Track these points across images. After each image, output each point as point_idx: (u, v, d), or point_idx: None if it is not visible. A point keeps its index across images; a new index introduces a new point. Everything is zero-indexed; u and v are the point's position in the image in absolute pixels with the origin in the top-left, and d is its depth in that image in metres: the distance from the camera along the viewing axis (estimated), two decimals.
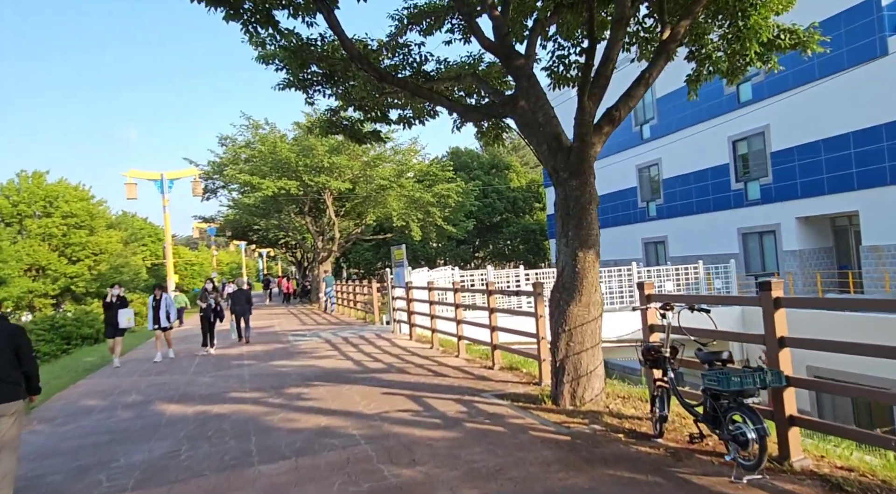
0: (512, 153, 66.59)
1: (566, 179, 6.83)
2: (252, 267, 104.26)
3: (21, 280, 30.48)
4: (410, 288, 14.04)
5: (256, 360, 12.39)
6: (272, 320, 23.58)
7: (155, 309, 13.19)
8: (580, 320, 6.67)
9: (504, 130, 11.44)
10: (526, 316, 8.56)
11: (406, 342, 13.86)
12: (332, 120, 11.82)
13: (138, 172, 26.23)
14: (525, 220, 50.87)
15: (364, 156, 26.74)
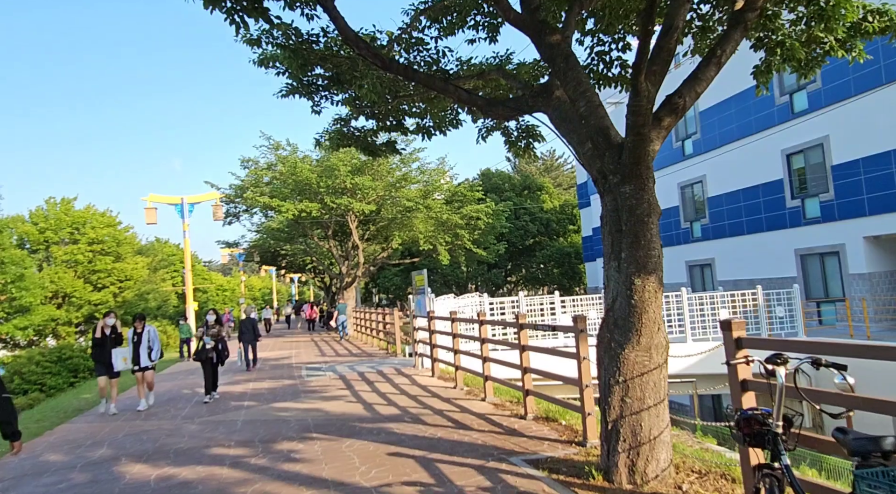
0: (545, 174, 65.00)
1: (617, 185, 5.30)
2: (285, 292, 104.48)
3: (45, 308, 30.04)
4: (432, 319, 12.54)
5: (258, 401, 11.00)
6: (291, 350, 22.32)
7: (136, 344, 10.79)
8: (639, 368, 5.07)
9: (536, 138, 10.04)
10: (566, 357, 6.96)
11: (427, 379, 12.31)
12: (342, 130, 10.58)
13: (158, 197, 25.58)
14: (559, 243, 49.04)
15: (389, 176, 25.59)
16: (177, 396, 12.62)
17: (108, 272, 34.13)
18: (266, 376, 14.84)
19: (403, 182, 26.19)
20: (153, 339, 11.06)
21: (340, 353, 19.75)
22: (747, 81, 24.18)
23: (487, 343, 9.59)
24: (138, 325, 10.98)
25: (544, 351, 7.63)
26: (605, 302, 5.56)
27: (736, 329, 4.26)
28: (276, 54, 8.55)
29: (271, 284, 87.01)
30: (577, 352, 6.54)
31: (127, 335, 11.01)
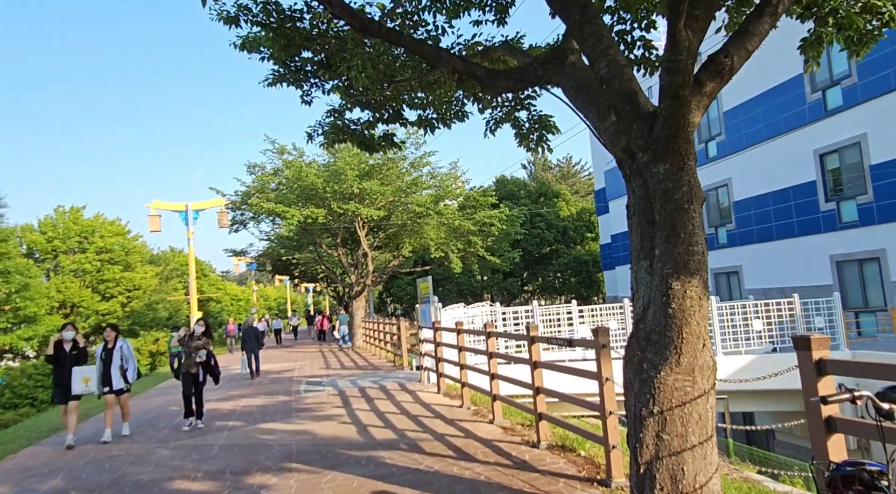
0: (561, 181, 63.78)
1: (648, 164, 4.24)
2: (301, 302, 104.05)
3: (51, 318, 29.52)
4: (438, 330, 11.48)
5: (244, 421, 10.00)
6: (297, 362, 21.38)
7: (105, 362, 8.92)
8: (679, 396, 3.98)
9: (550, 129, 9.00)
10: (585, 377, 5.86)
11: (432, 396, 11.24)
12: (336, 124, 9.63)
13: (162, 204, 24.92)
14: (576, 251, 47.74)
15: (399, 181, 24.66)
16: (162, 414, 11.70)
17: (116, 281, 33.63)
18: (262, 391, 13.88)
19: (414, 187, 25.23)
20: (127, 356, 9.17)
21: (346, 366, 18.76)
22: (775, 78, 22.90)
23: (495, 357, 8.51)
24: (109, 338, 9.15)
25: (560, 370, 6.52)
26: (633, 311, 4.48)
27: (817, 347, 3.16)
28: (258, 36, 7.62)
29: (286, 294, 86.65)
30: (598, 372, 5.45)
31: (96, 352, 9.22)
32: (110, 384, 8.97)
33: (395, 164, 24.36)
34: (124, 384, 9.11)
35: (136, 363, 9.51)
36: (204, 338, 9.88)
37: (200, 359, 9.60)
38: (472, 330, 9.90)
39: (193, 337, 9.84)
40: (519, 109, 8.97)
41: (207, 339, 9.92)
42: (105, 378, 8.95)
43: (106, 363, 9.00)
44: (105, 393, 8.96)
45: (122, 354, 9.13)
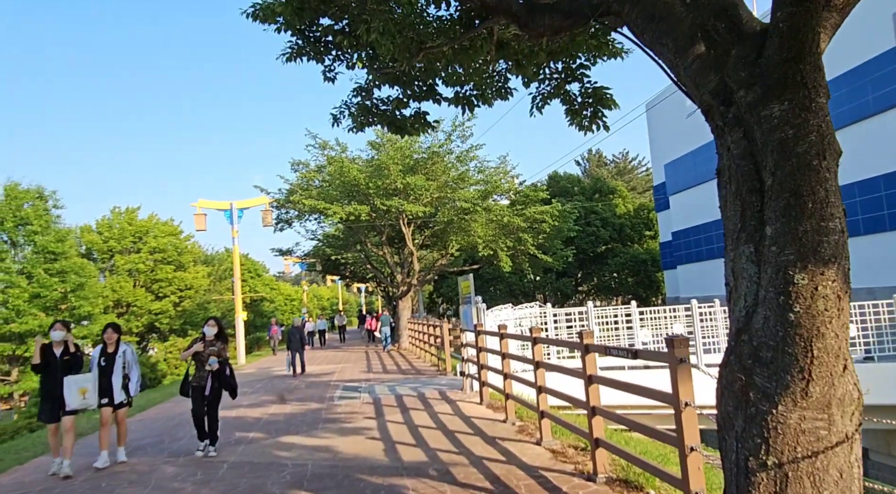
0: (617, 177, 61.37)
1: (754, 105, 2.96)
2: (354, 302, 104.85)
3: (107, 316, 29.97)
4: (480, 334, 10.31)
5: (266, 433, 9.12)
6: (339, 364, 20.65)
7: (104, 369, 7.38)
8: (809, 442, 2.70)
9: (606, 103, 7.73)
10: (656, 400, 4.58)
11: (473, 407, 10.09)
12: (363, 104, 8.62)
13: (207, 202, 24.77)
14: (634, 250, 45.54)
15: (444, 176, 23.61)
16: (186, 421, 10.98)
17: (168, 281, 33.97)
18: (295, 396, 13.07)
19: (460, 182, 24.13)
20: (131, 363, 7.63)
21: (388, 369, 17.83)
22: (861, 54, 20.43)
23: (543, 368, 7.28)
24: (110, 340, 7.57)
25: (621, 387, 5.24)
26: (730, 316, 3.20)
27: None
28: (271, 3, 6.66)
29: (339, 294, 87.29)
30: (673, 394, 4.16)
31: (91, 356, 7.61)
32: (110, 395, 7.36)
33: (441, 159, 23.34)
34: (125, 397, 7.57)
35: (140, 372, 7.97)
36: (218, 343, 8.03)
37: (211, 368, 7.80)
38: (516, 335, 8.70)
39: (205, 341, 7.97)
40: (570, 81, 7.73)
41: (222, 344, 8.07)
42: (104, 388, 7.35)
43: (105, 371, 7.41)
44: (103, 405, 7.32)
45: (126, 360, 7.57)
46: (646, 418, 6.80)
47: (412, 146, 22.77)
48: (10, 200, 27.00)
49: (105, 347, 7.60)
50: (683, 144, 33.10)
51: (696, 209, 32.06)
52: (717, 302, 14.40)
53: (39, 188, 28.41)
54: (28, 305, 25.70)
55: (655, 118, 38.19)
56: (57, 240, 27.69)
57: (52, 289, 26.36)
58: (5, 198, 27.08)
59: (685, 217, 33.26)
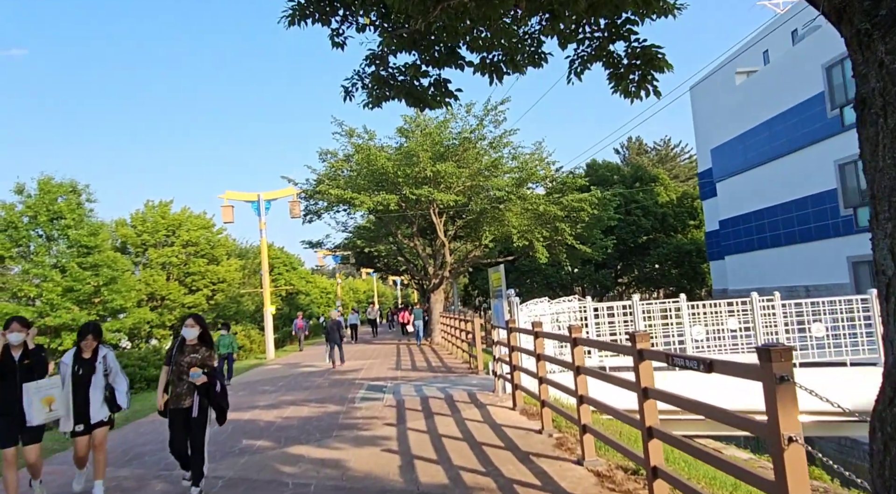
0: (658, 165, 58.97)
1: None
2: (389, 295, 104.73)
3: (140, 310, 30.00)
4: (512, 331, 9.24)
5: (274, 442, 8.26)
6: (368, 360, 19.84)
7: (79, 383, 5.80)
8: None
9: (657, 65, 6.55)
10: (736, 427, 3.44)
11: (505, 413, 9.03)
12: (378, 75, 7.63)
13: (234, 194, 24.28)
14: (677, 240, 43.54)
15: (477, 163, 22.48)
16: None
17: (201, 274, 33.89)
18: (315, 397, 12.24)
19: (493, 169, 22.96)
20: (114, 371, 6.04)
21: (418, 366, 16.90)
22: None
23: (585, 374, 6.17)
24: (87, 347, 5.88)
25: (688, 407, 4.09)
26: (883, 317, 2.06)
27: None
28: None
29: (374, 287, 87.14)
30: (771, 427, 3.02)
31: (61, 364, 5.93)
32: (86, 418, 5.74)
33: (473, 145, 22.21)
34: (107, 413, 5.96)
35: (126, 382, 6.21)
36: (202, 349, 6.03)
37: (194, 381, 5.74)
38: (553, 334, 7.60)
39: (184, 346, 6.02)
40: (614, 39, 6.58)
41: (207, 350, 6.06)
42: (79, 407, 5.73)
43: (82, 381, 5.77)
44: (79, 433, 5.77)
45: (108, 367, 5.98)
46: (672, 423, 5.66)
47: (442, 132, 21.71)
48: (44, 194, 27.08)
49: (79, 352, 5.92)
50: (732, 127, 31.03)
51: (745, 196, 30.05)
52: (777, 295, 12.95)
53: (73, 182, 28.47)
54: (62, 299, 25.75)
55: (700, 100, 36.13)
56: (90, 233, 27.69)
57: (85, 283, 26.36)
58: (39, 192, 27.19)
59: (734, 204, 31.21)
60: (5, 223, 26.23)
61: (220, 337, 14.90)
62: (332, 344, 18.59)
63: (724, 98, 32.38)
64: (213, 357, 6.19)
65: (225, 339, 15.01)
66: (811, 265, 25.22)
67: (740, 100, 30.44)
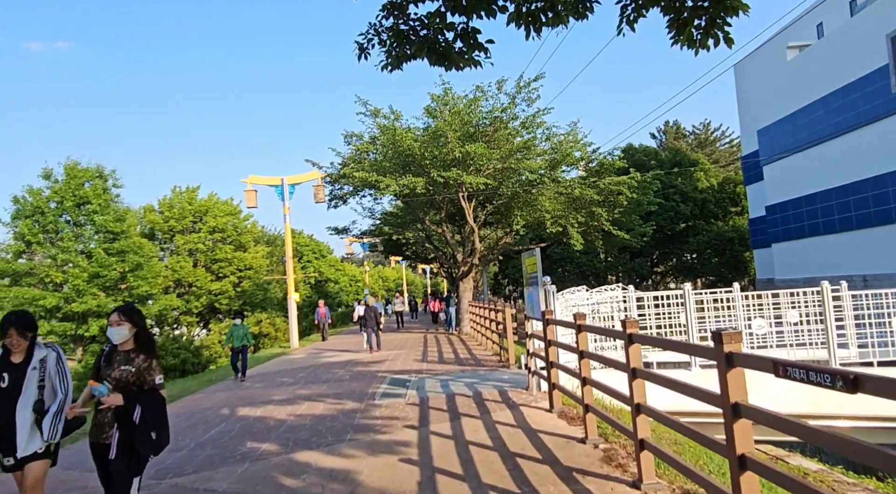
0: (697, 150, 56.62)
1: None
2: (419, 283, 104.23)
3: (167, 297, 29.78)
4: (549, 323, 8.15)
5: (281, 445, 7.38)
6: (394, 350, 18.97)
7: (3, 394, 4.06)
8: None
9: (729, 9, 5.55)
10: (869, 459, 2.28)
11: (541, 416, 7.98)
12: (397, 29, 6.71)
13: (258, 178, 23.60)
14: (717, 227, 41.59)
15: (508, 144, 21.28)
16: (200, 421, 9.47)
17: (228, 261, 33.51)
18: (334, 391, 11.38)
19: (525, 151, 21.72)
20: (55, 377, 4.25)
21: (445, 358, 15.94)
22: None
23: (641, 377, 5.06)
24: (16, 346, 4.15)
25: (809, 437, 2.97)
26: None
27: None
28: None
29: (403, 275, 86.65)
30: None
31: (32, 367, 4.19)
32: (13, 448, 4.04)
33: (504, 125, 21.00)
34: (43, 442, 4.12)
35: (66, 395, 4.26)
36: (138, 357, 4.13)
37: (106, 403, 3.97)
38: (601, 329, 6.51)
39: (114, 355, 4.14)
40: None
41: (147, 359, 4.15)
42: (2, 432, 4.04)
43: (6, 396, 4.08)
44: (10, 468, 4.12)
45: (45, 373, 4.20)
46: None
47: (472, 111, 20.55)
48: (70, 179, 26.88)
49: (5, 355, 4.19)
50: (781, 106, 29.10)
51: (796, 179, 28.19)
52: (843, 285, 11.54)
53: (99, 167, 28.22)
54: (88, 285, 25.57)
55: (745, 78, 34.09)
56: (116, 219, 27.44)
57: (111, 269, 26.14)
58: (66, 177, 27.00)
59: (783, 188, 29.36)
60: (32, 208, 26.12)
61: (233, 328, 13.93)
62: (369, 330, 18.68)
63: (772, 75, 30.39)
64: (155, 369, 4.14)
65: (238, 330, 13.91)
66: (870, 253, 23.39)
67: (791, 76, 28.48)
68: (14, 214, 26.19)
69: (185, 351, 18.50)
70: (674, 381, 4.29)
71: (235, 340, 13.70)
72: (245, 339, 13.90)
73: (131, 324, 4.19)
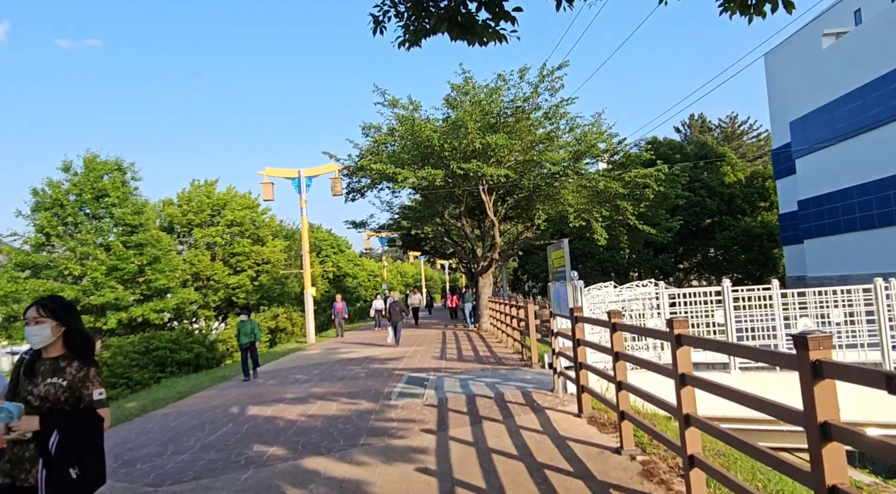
0: (723, 144, 55.15)
1: None
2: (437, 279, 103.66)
3: (186, 290, 29.59)
4: (579, 321, 7.53)
5: (289, 450, 6.88)
6: (412, 346, 18.48)
7: None
8: None
9: None
10: None
11: (569, 421, 7.37)
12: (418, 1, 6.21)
13: (275, 170, 23.23)
14: (745, 223, 40.37)
15: (530, 135, 20.60)
16: (207, 420, 9.03)
17: (246, 255, 33.27)
18: (348, 390, 10.88)
19: (548, 142, 21.00)
20: None
21: (464, 356, 15.38)
22: None
23: (692, 384, 4.43)
24: None
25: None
26: None
27: None
28: None
29: (421, 270, 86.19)
30: None
31: None
32: None
33: (526, 115, 20.32)
34: None
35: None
36: (71, 366, 3.07)
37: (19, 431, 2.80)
38: (643, 329, 5.88)
39: (36, 363, 3.09)
40: None
41: (81, 368, 3.08)
42: None
43: None
44: None
45: None
46: None
47: (493, 100, 19.88)
48: (89, 172, 26.78)
49: None
50: (816, 96, 27.92)
51: (831, 172, 27.03)
52: (893, 283, 10.72)
53: (118, 159, 28.08)
54: (106, 278, 25.44)
55: (777, 67, 32.87)
56: (134, 212, 27.30)
57: (129, 262, 25.99)
58: (84, 169, 26.91)
59: (816, 182, 28.19)
60: (52, 201, 26.07)
61: (240, 325, 13.11)
62: (393, 324, 19.32)
63: (807, 64, 29.20)
64: (94, 380, 3.10)
65: (245, 327, 13.05)
66: (886, 253, 22.31)
67: (827, 65, 27.30)
68: (34, 206, 26.17)
69: (199, 346, 18.16)
70: (738, 392, 3.66)
71: (243, 337, 12.86)
72: (252, 336, 13.01)
73: (55, 322, 3.07)
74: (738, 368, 9.63)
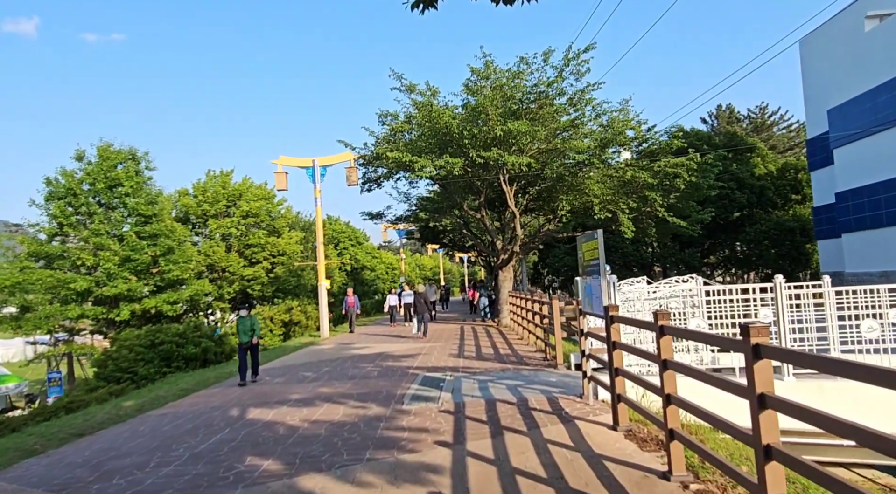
0: (752, 135, 53.28)
1: None
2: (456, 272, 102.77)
3: (200, 282, 29.12)
4: (616, 321, 6.61)
5: (285, 465, 6.08)
6: (428, 343, 17.66)
7: None
8: None
9: None
10: None
11: (604, 435, 6.47)
12: None
13: (288, 160, 22.50)
14: (776, 216, 38.78)
15: (553, 123, 19.57)
16: (202, 424, 8.28)
17: (261, 246, 32.72)
18: (357, 391, 10.09)
19: (573, 129, 19.95)
20: None
21: (483, 354, 14.50)
22: None
23: (773, 407, 3.50)
24: None
25: None
26: None
27: None
28: None
29: (440, 263, 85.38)
30: None
31: None
32: None
33: (550, 101, 19.29)
34: None
35: None
36: None
37: None
38: (707, 336, 4.97)
39: None
40: None
41: None
42: None
43: None
44: None
45: None
46: None
47: (515, 84, 18.88)
48: (103, 161, 26.36)
49: None
50: (857, 82, 26.39)
51: (872, 163, 25.55)
52: None
53: (132, 149, 27.63)
54: (119, 269, 25.03)
55: (813, 53, 31.23)
56: (147, 202, 26.86)
57: (142, 253, 25.55)
58: (98, 158, 26.50)
59: (856, 173, 26.69)
60: (65, 190, 25.70)
61: (240, 321, 11.98)
62: (419, 316, 19.37)
63: (846, 48, 27.62)
64: None
65: (244, 323, 11.81)
66: None
67: (870, 49, 25.75)
68: (47, 196, 25.83)
69: (207, 340, 17.56)
70: (851, 426, 2.73)
71: (242, 335, 11.65)
72: (251, 333, 11.70)
73: None
74: (792, 375, 8.62)
